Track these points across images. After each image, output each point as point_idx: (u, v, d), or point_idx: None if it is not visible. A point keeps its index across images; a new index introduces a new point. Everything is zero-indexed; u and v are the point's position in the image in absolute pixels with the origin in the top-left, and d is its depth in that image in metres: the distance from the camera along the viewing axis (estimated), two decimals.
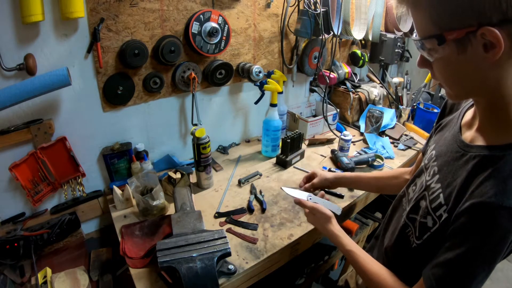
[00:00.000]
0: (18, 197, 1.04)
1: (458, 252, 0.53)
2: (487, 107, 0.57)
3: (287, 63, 1.57)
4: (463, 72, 0.53)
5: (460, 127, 0.67)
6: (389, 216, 0.86)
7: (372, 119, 1.62)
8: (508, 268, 2.15)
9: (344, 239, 0.82)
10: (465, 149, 0.60)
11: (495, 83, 0.52)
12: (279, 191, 1.22)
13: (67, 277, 0.95)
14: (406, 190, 0.81)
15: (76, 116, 1.07)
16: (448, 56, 0.51)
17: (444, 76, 0.56)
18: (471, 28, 0.46)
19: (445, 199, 0.60)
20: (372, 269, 0.73)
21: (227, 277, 0.85)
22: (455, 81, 0.56)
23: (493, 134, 0.56)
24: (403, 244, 0.72)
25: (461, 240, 0.53)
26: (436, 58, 0.54)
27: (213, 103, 1.43)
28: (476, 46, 0.47)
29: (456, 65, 0.52)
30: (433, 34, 0.50)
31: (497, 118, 0.56)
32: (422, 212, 0.66)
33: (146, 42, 1.10)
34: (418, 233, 0.66)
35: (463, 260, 0.53)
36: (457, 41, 0.49)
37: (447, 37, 0.49)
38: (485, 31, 0.45)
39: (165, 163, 1.34)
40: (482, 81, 0.52)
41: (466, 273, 0.53)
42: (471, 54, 0.49)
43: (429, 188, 0.66)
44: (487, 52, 0.47)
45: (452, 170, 0.61)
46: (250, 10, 1.34)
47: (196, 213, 0.95)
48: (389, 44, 1.86)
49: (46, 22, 0.91)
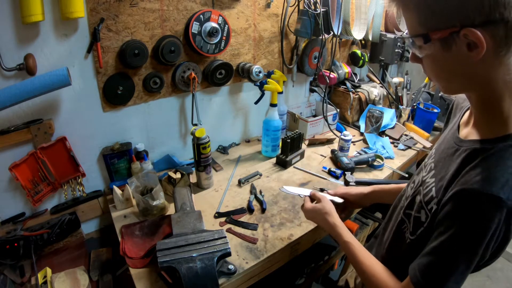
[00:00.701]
0: (18, 197, 1.04)
1: (441, 239, 0.54)
2: (479, 102, 0.59)
3: (287, 63, 1.57)
4: (449, 68, 0.56)
5: (458, 125, 0.69)
6: (389, 215, 0.86)
7: (372, 119, 1.62)
8: (508, 268, 2.15)
9: (343, 230, 0.82)
10: (459, 144, 0.62)
11: (483, 79, 0.54)
12: (279, 191, 1.22)
13: (67, 277, 0.95)
14: (406, 188, 0.82)
15: (76, 116, 1.07)
16: (435, 53, 0.55)
17: (432, 72, 0.59)
18: (454, 29, 0.49)
19: (436, 191, 0.61)
20: (367, 262, 0.73)
21: (227, 277, 0.85)
22: (443, 77, 0.59)
23: (486, 129, 0.58)
24: (398, 240, 0.73)
25: (445, 228, 0.54)
26: (425, 54, 0.57)
27: (213, 103, 1.43)
28: (460, 45, 0.50)
29: (442, 62, 0.55)
30: (419, 33, 0.54)
31: (488, 113, 0.57)
32: (417, 206, 0.67)
33: (146, 42, 1.10)
34: (412, 228, 0.67)
35: (445, 247, 0.54)
36: (442, 40, 0.52)
37: (432, 36, 0.52)
38: (467, 32, 0.48)
39: (165, 163, 1.34)
40: (470, 77, 0.55)
41: (447, 261, 0.54)
42: (456, 52, 0.51)
43: (424, 183, 0.68)
44: (471, 51, 0.50)
45: (446, 165, 0.63)
46: (250, 10, 1.34)
47: (196, 213, 0.95)
48: (389, 44, 1.86)
49: (46, 22, 0.91)
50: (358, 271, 0.76)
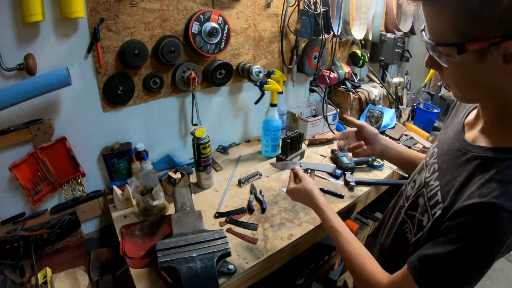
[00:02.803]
0: (18, 197, 1.04)
1: (451, 248, 0.52)
2: (496, 112, 0.57)
3: (287, 63, 1.57)
4: (476, 79, 0.52)
5: (463, 126, 0.67)
6: (388, 213, 0.86)
7: (372, 119, 1.62)
8: (508, 268, 2.15)
9: (327, 213, 0.79)
10: (467, 149, 0.60)
11: (507, 90, 0.51)
12: (279, 191, 1.22)
13: (67, 277, 0.95)
14: (405, 187, 0.81)
15: (76, 116, 1.07)
16: (464, 63, 0.50)
17: (456, 81, 0.56)
18: (495, 40, 0.45)
19: (442, 196, 0.59)
20: (353, 250, 0.71)
21: (227, 277, 0.85)
22: (467, 87, 0.55)
23: (497, 137, 0.56)
24: (400, 240, 0.72)
25: (457, 237, 0.52)
26: (451, 63, 0.52)
27: (213, 103, 1.43)
28: (496, 57, 0.46)
29: (471, 73, 0.51)
30: (453, 42, 0.48)
31: (504, 122, 0.55)
32: (421, 209, 0.66)
33: (146, 42, 1.10)
34: (415, 230, 0.66)
35: (455, 257, 0.52)
36: (478, 51, 0.47)
37: (468, 47, 0.47)
38: (509, 45, 0.44)
39: (165, 163, 1.34)
40: (495, 89, 0.52)
41: (457, 271, 0.52)
42: (489, 64, 0.48)
43: (427, 185, 0.66)
44: (507, 64, 0.46)
45: (452, 168, 0.61)
46: (250, 10, 1.34)
47: (196, 213, 0.95)
48: (389, 44, 1.86)
49: (46, 22, 0.91)
50: (344, 258, 0.73)
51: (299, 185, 0.87)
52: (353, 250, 0.71)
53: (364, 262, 0.68)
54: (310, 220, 1.06)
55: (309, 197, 0.84)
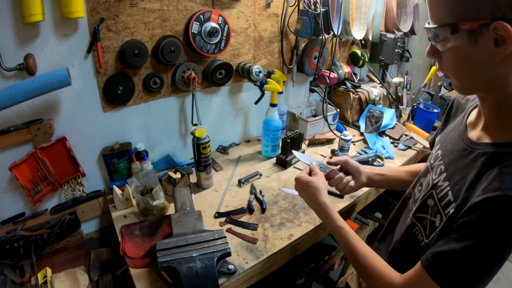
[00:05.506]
0: (18, 197, 1.04)
1: (467, 243, 0.52)
2: (494, 105, 0.58)
3: (287, 63, 1.57)
4: (472, 64, 0.54)
5: (465, 125, 0.67)
6: (394, 218, 0.85)
7: (372, 119, 1.62)
8: (508, 268, 2.15)
9: (335, 214, 0.79)
10: (473, 147, 0.61)
11: (503, 80, 0.53)
12: (279, 191, 1.22)
13: (67, 277, 0.95)
14: (412, 190, 0.80)
15: (76, 116, 1.07)
16: (459, 46, 0.53)
17: (453, 67, 0.58)
18: (485, 21, 0.48)
19: (454, 196, 0.60)
20: (362, 251, 0.71)
21: (227, 277, 0.85)
22: (463, 73, 0.57)
23: (499, 132, 0.57)
24: (410, 243, 0.71)
25: (471, 233, 0.52)
26: (447, 48, 0.55)
27: (213, 103, 1.43)
28: (487, 39, 0.49)
29: (466, 57, 0.54)
30: (447, 22, 0.52)
31: (503, 116, 0.57)
32: (432, 210, 0.66)
33: (146, 42, 1.10)
34: (428, 232, 0.66)
35: (472, 252, 0.52)
36: (470, 32, 0.50)
37: (460, 27, 0.51)
38: (497, 25, 0.47)
39: (165, 163, 1.34)
40: (491, 77, 0.54)
41: (475, 265, 0.52)
42: (481, 46, 0.50)
43: (436, 187, 0.66)
44: (498, 47, 0.48)
45: (460, 168, 0.61)
46: (250, 10, 1.34)
47: (196, 213, 0.95)
48: (389, 44, 1.86)
49: (46, 22, 0.91)
50: (352, 260, 0.73)
51: (312, 177, 0.86)
52: (363, 252, 0.71)
53: (375, 263, 0.68)
54: (310, 220, 1.06)
55: (316, 194, 0.83)
